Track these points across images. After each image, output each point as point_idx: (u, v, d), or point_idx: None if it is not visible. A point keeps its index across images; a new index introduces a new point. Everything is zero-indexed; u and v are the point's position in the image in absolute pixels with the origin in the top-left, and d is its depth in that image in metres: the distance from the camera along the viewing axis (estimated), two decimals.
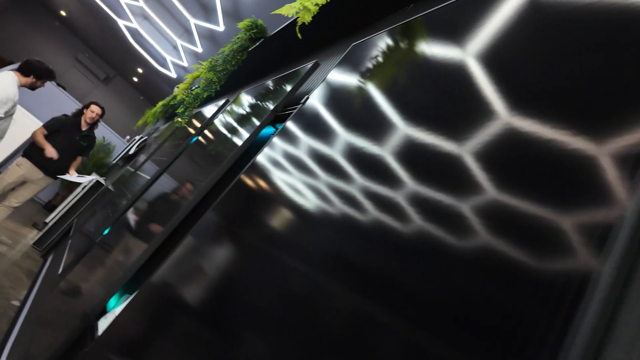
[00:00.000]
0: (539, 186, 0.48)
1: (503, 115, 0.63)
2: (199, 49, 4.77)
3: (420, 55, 1.01)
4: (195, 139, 2.79)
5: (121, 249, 1.75)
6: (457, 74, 0.81)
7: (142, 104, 13.40)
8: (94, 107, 3.83)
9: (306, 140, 1.14)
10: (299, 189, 0.94)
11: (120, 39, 7.21)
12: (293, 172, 1.04)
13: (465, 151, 0.62)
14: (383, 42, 1.27)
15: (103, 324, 1.20)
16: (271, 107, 1.63)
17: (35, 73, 3.09)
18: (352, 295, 0.58)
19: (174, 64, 6.19)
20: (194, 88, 2.88)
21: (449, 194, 0.58)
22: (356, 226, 0.69)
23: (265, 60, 2.63)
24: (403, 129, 0.82)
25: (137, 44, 6.45)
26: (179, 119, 2.67)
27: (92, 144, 4.01)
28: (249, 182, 1.20)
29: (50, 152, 3.50)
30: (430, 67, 0.92)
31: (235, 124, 1.89)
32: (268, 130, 1.77)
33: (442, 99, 0.79)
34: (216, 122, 2.28)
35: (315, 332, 0.58)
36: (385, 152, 0.79)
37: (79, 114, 3.83)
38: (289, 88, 1.64)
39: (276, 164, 1.16)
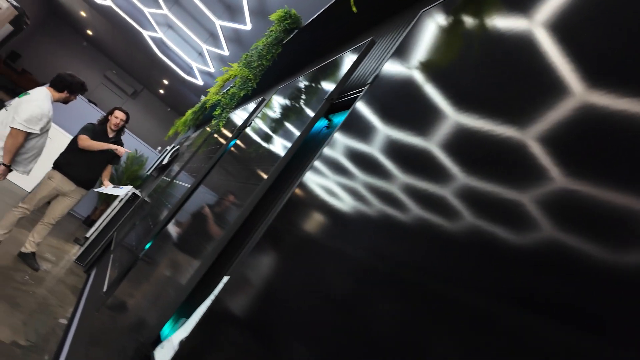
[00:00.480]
0: None
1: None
2: (226, 52, 4.66)
3: (501, 18, 0.79)
4: (233, 142, 2.64)
5: (168, 265, 1.60)
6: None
7: (170, 115, 13.61)
8: (117, 113, 3.77)
9: (383, 129, 0.93)
10: (384, 193, 0.74)
11: (145, 51, 7.25)
12: (372, 170, 0.83)
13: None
14: (459, 5, 1.04)
15: (160, 355, 1.03)
16: (325, 95, 1.43)
17: (69, 88, 3.05)
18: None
19: (200, 71, 6.14)
20: (228, 88, 2.74)
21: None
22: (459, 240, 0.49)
23: (303, 52, 2.44)
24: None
25: (163, 54, 6.45)
26: (217, 122, 2.53)
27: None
28: (312, 188, 1.01)
29: (120, 150, 3.51)
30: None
31: (282, 120, 1.70)
32: (321, 123, 1.57)
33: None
34: (257, 121, 2.11)
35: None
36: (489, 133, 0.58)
37: (104, 121, 3.78)
38: (342, 72, 1.44)
39: (349, 159, 0.96)
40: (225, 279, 1.21)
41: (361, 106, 1.07)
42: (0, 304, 2.86)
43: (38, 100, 2.85)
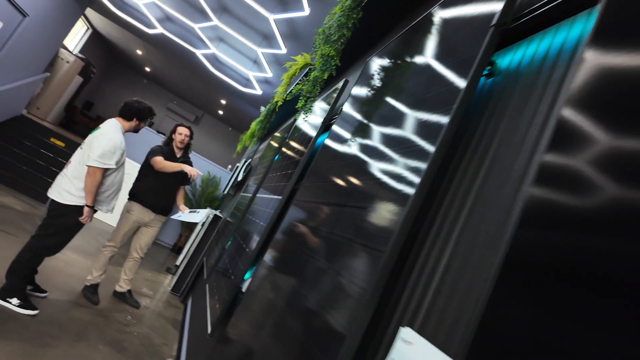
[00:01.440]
0: None
1: None
2: (283, 50, 4.32)
3: None
4: (322, 139, 2.21)
5: (295, 305, 1.19)
6: None
7: (232, 134, 13.86)
8: (180, 129, 3.56)
9: None
10: None
11: (200, 73, 7.24)
12: None
13: None
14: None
15: None
16: (489, 22, 0.91)
17: (138, 114, 2.87)
18: None
19: (258, 80, 5.89)
20: (306, 73, 2.33)
21: None
22: None
23: (386, 12, 1.95)
24: None
25: (218, 70, 6.34)
26: (302, 115, 2.10)
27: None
28: None
29: (190, 170, 3.31)
30: None
31: (409, 89, 1.22)
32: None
33: None
34: (358, 104, 1.65)
35: None
36: None
37: (169, 141, 3.59)
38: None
39: None
40: (406, 332, 0.75)
41: None
42: (108, 350, 2.72)
43: (109, 133, 2.68)
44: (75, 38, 9.67)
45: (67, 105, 9.32)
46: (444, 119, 0.92)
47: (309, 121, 2.33)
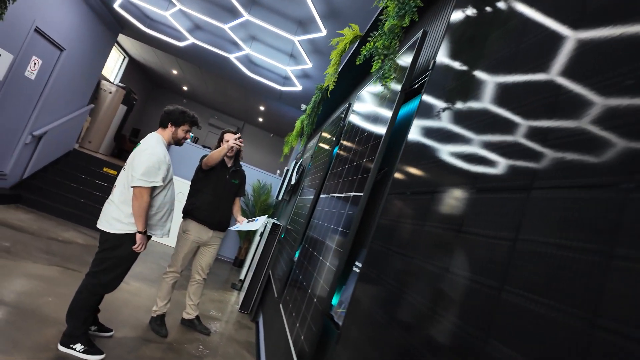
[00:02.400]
0: None
1: None
2: (322, 32, 3.87)
3: None
4: (415, 103, 1.74)
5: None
6: None
7: (274, 140, 13.71)
8: (227, 136, 3.22)
9: None
10: None
11: (236, 79, 7.00)
12: None
13: None
14: None
15: None
16: None
17: (171, 119, 2.55)
18: None
19: (297, 75, 5.50)
20: (379, 26, 1.84)
21: None
22: None
23: None
24: None
25: (253, 73, 6.03)
26: (384, 81, 1.61)
27: (244, 179, 3.40)
28: None
29: (234, 142, 3.04)
30: None
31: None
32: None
33: None
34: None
35: None
36: None
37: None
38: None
39: None
40: None
41: None
42: None
43: (150, 148, 2.38)
44: (114, 68, 9.89)
45: (116, 134, 9.55)
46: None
47: (381, 93, 1.86)
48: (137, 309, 3.29)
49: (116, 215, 2.33)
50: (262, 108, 10.68)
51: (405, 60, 1.71)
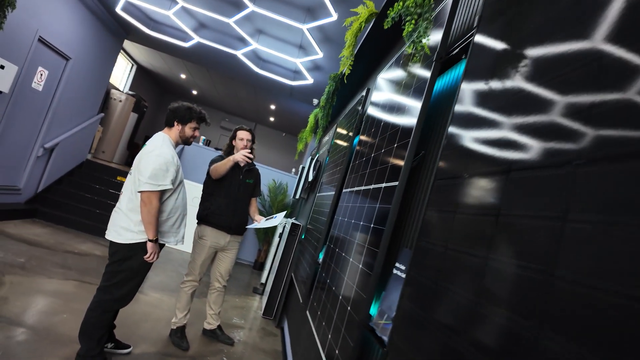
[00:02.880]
0: None
1: None
2: (333, 16, 3.64)
3: None
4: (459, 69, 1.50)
5: None
6: None
7: (286, 139, 13.53)
8: (241, 134, 3.02)
9: None
10: None
11: (244, 77, 6.81)
12: None
13: None
14: None
15: None
16: None
17: (176, 117, 2.35)
18: None
19: (307, 67, 5.28)
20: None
21: None
22: None
23: None
24: None
25: (262, 69, 5.83)
26: (418, 46, 1.35)
27: (258, 178, 3.20)
28: None
29: (241, 156, 2.84)
30: None
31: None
32: None
33: None
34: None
35: None
36: None
37: (230, 149, 3.09)
38: None
39: None
40: None
41: None
42: None
43: (155, 149, 2.19)
44: (123, 77, 9.86)
45: (129, 143, 9.51)
46: None
47: (412, 65, 1.61)
48: (157, 321, 3.13)
49: (125, 224, 2.16)
50: (273, 107, 10.50)
51: (438, 23, 1.46)
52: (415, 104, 1.46)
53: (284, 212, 3.13)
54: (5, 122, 4.61)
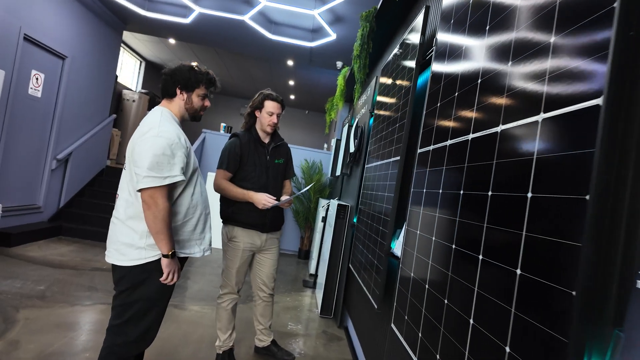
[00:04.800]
0: None
1: None
2: None
3: None
4: None
5: None
6: None
7: (310, 116, 12.82)
8: (271, 106, 2.32)
9: None
10: None
11: (257, 49, 6.09)
12: None
13: None
14: None
15: None
16: None
17: (179, 83, 1.69)
18: None
19: (328, 20, 4.48)
20: None
21: None
22: None
23: None
24: None
25: (275, 34, 5.08)
26: None
27: (289, 155, 2.52)
28: None
29: (263, 202, 2.15)
30: None
31: None
32: None
33: None
34: None
35: None
36: None
37: (251, 123, 2.41)
38: None
39: None
40: None
41: None
42: None
43: (152, 128, 1.55)
44: (133, 76, 9.39)
45: None
46: None
47: None
48: (199, 343, 2.59)
49: (127, 239, 1.55)
50: (291, 83, 9.76)
51: None
52: None
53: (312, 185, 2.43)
54: (6, 136, 4.16)
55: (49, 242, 4.63)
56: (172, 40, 7.13)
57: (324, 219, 4.68)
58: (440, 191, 1.38)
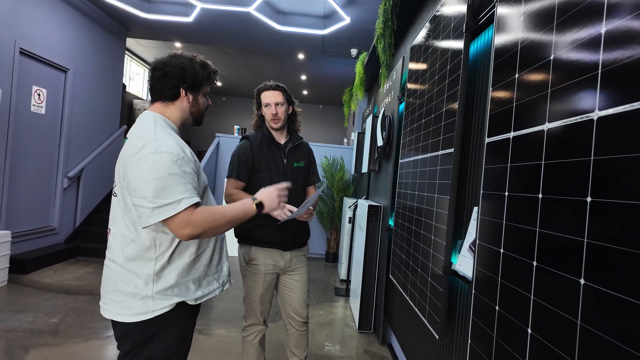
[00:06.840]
0: None
1: None
2: None
3: None
4: None
5: None
6: None
7: (325, 111, 12.43)
8: (266, 96, 1.95)
9: None
10: None
11: (265, 42, 5.73)
12: None
13: None
14: None
15: None
16: None
17: (182, 81, 1.34)
18: None
19: (341, 3, 4.08)
20: None
21: None
22: None
23: None
24: None
25: (284, 25, 4.71)
26: None
27: (312, 156, 2.15)
28: None
29: (280, 213, 1.62)
30: None
31: None
32: None
33: None
34: None
35: None
36: None
37: (259, 122, 2.06)
38: None
39: None
40: None
41: None
42: None
43: (148, 143, 1.18)
44: (144, 85, 9.21)
45: None
46: None
47: None
48: None
49: (128, 287, 1.21)
50: (303, 78, 9.38)
51: None
52: None
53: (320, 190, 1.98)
54: (12, 158, 3.94)
55: (66, 264, 4.43)
56: (177, 44, 6.86)
57: (352, 220, 4.31)
58: (540, 196, 0.98)
